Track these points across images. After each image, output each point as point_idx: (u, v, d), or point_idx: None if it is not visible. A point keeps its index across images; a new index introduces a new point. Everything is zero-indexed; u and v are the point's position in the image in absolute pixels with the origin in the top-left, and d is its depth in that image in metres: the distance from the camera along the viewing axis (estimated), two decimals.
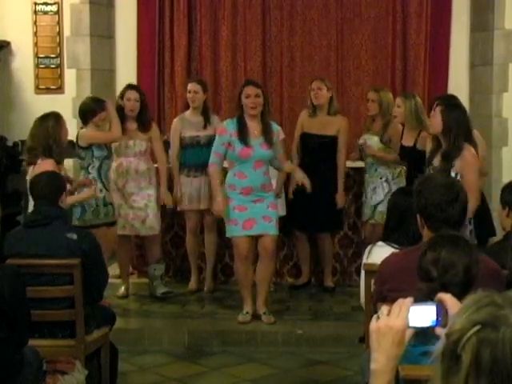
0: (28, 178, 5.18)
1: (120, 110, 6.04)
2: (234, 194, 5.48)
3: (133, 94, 6.07)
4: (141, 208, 6.09)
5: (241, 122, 5.48)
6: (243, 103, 5.47)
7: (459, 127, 4.67)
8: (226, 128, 5.52)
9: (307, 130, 6.27)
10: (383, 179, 6.17)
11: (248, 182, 5.45)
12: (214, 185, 5.56)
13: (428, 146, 5.10)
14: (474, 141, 4.82)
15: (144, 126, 6.11)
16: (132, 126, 6.10)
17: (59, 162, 5.20)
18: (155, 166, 6.27)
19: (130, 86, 6.24)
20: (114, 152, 6.07)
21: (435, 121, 4.79)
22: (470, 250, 2.67)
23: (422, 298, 1.84)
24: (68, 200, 5.37)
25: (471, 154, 4.68)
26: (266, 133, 5.47)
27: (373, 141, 6.24)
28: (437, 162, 4.78)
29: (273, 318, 5.59)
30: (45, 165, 5.01)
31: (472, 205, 4.48)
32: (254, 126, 5.48)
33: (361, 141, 6.33)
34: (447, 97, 5.67)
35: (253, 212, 5.45)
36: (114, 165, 6.06)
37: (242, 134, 5.42)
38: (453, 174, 4.61)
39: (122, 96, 6.12)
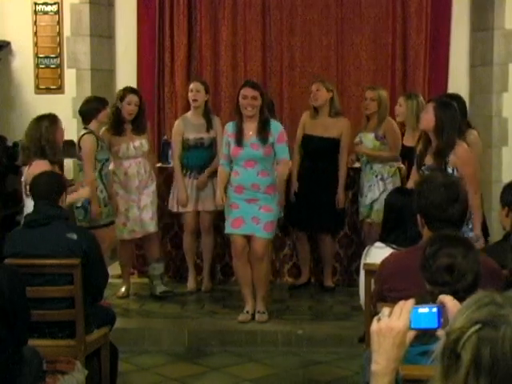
0: (23, 178, 5.17)
1: (118, 113, 6.04)
2: (231, 191, 5.60)
3: (134, 98, 6.06)
4: (147, 205, 6.13)
5: (237, 123, 5.58)
6: (240, 104, 5.54)
7: (452, 124, 4.63)
8: (226, 129, 5.68)
9: (309, 132, 6.27)
10: (378, 177, 6.13)
11: (239, 180, 5.55)
12: (218, 181, 5.73)
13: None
14: (465, 139, 4.83)
15: (138, 130, 6.11)
16: (128, 128, 6.10)
17: (53, 163, 5.15)
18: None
19: (131, 90, 6.21)
20: (121, 155, 6.05)
21: (427, 117, 4.70)
22: (478, 255, 2.67)
23: (432, 301, 1.83)
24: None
25: (464, 148, 4.67)
26: (259, 133, 5.52)
27: (368, 138, 6.22)
28: (429, 160, 4.71)
29: (265, 317, 5.59)
30: (39, 165, 4.98)
31: (474, 199, 4.48)
32: (249, 127, 5.56)
33: (357, 139, 6.31)
34: (446, 95, 5.71)
35: (243, 211, 5.51)
36: (121, 167, 6.06)
37: (236, 135, 5.55)
38: (449, 171, 4.60)
39: (121, 98, 6.07)
